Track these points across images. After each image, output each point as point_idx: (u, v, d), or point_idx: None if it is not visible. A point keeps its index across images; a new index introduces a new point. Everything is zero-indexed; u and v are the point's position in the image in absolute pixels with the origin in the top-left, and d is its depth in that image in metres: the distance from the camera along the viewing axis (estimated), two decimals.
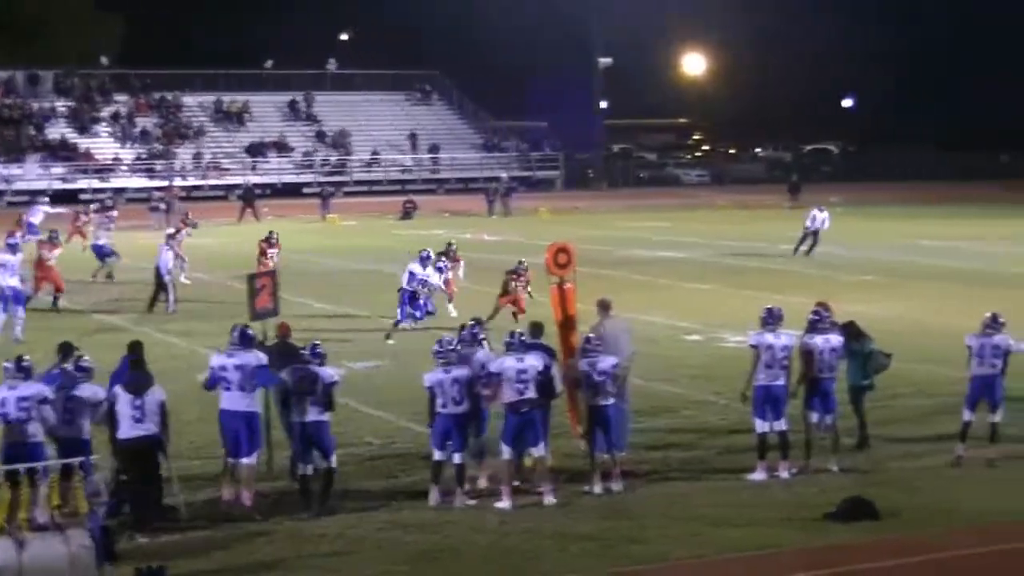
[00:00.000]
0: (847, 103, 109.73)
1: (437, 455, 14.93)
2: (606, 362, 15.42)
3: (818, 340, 16.22)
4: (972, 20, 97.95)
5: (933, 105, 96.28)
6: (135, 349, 15.05)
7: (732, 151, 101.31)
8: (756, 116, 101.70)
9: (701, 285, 33.34)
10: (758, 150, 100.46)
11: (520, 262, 27.26)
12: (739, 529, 13.83)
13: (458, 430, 14.88)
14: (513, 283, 26.85)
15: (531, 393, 14.83)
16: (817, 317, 16.55)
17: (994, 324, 16.52)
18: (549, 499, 14.88)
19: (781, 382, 15.93)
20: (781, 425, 15.99)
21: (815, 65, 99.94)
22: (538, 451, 14.98)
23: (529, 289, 26.82)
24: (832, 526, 13.90)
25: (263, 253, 33.04)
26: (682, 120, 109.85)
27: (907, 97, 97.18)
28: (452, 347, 15.10)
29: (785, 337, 16.02)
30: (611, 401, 15.41)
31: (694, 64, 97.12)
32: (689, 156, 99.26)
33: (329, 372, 14.73)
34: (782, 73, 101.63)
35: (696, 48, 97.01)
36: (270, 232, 34.23)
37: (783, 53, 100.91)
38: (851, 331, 17.67)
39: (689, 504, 14.86)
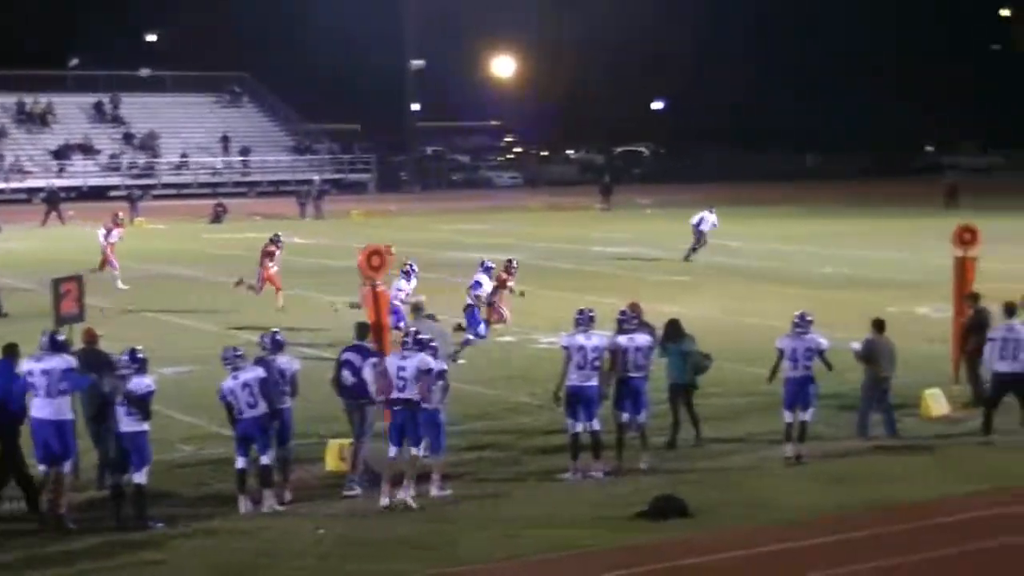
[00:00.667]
0: (657, 105, 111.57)
1: (240, 463, 14.86)
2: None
3: (623, 340, 16.44)
4: (774, 24, 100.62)
5: (740, 108, 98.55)
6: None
7: (545, 153, 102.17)
8: (568, 119, 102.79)
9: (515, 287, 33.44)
10: (570, 152, 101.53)
11: (510, 260, 26.95)
12: (554, 529, 13.95)
13: (259, 433, 14.80)
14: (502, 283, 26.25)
15: (409, 393, 14.85)
16: (623, 317, 16.76)
17: (803, 324, 16.91)
18: (406, 497, 14.81)
19: (593, 383, 16.07)
20: (594, 425, 16.13)
21: (626, 68, 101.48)
22: (416, 450, 14.96)
23: (512, 285, 26.57)
24: (644, 524, 14.05)
25: (270, 256, 30.31)
26: (495, 123, 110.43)
27: (715, 100, 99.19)
28: (237, 353, 15.00)
29: (596, 338, 16.20)
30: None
31: (505, 66, 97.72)
32: (502, 159, 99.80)
33: (145, 381, 14.48)
34: (594, 76, 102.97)
35: (508, 50, 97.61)
36: (276, 234, 31.38)
37: (594, 56, 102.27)
38: (671, 331, 18.01)
39: (505, 505, 14.93)
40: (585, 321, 16.36)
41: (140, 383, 14.38)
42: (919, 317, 27.78)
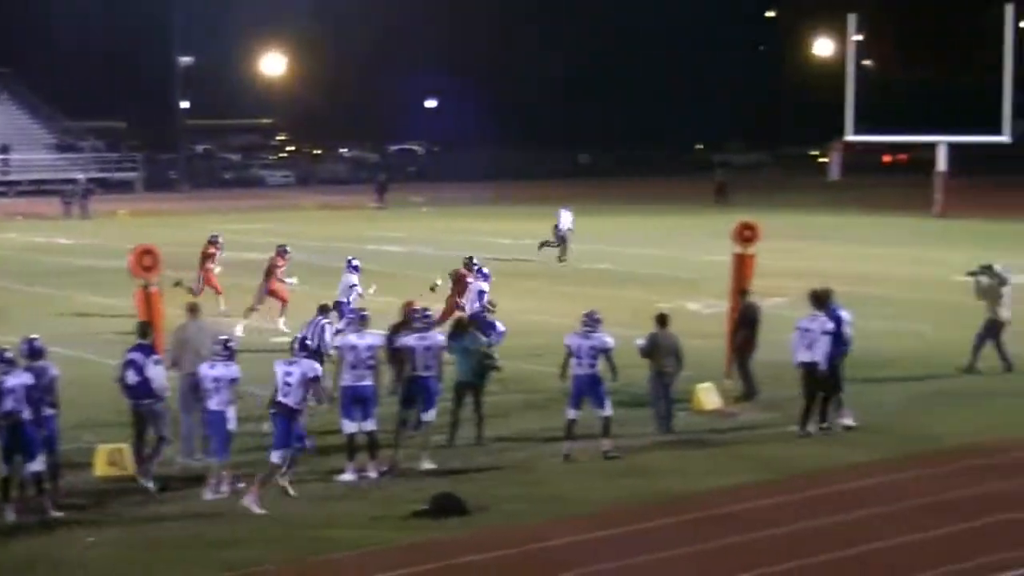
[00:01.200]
0: (431, 103, 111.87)
1: (5, 470, 14.58)
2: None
3: (412, 339, 16.55)
4: (544, 22, 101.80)
5: (513, 106, 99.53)
6: None
7: (317, 152, 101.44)
8: (342, 116, 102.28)
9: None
10: (343, 150, 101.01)
11: (470, 258, 25.83)
12: (333, 530, 13.96)
13: (22, 440, 14.48)
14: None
15: (290, 398, 14.98)
16: (414, 316, 16.97)
17: (590, 323, 17.16)
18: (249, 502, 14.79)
19: (368, 382, 16.09)
20: (369, 425, 16.16)
21: (398, 64, 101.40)
22: (275, 456, 15.03)
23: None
24: (422, 523, 14.16)
25: (210, 258, 29.24)
26: (266, 120, 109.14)
27: (488, 97, 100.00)
28: (3, 359, 14.67)
29: (370, 337, 16.26)
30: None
31: (276, 63, 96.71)
32: (274, 157, 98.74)
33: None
34: (366, 73, 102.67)
35: (279, 47, 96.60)
36: (215, 235, 30.32)
37: (366, 52, 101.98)
38: (454, 328, 18.33)
39: (283, 506, 14.87)
40: (356, 320, 16.48)
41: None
42: (691, 313, 28.45)
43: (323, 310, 19.93)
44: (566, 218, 41.06)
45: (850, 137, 62.48)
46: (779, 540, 13.74)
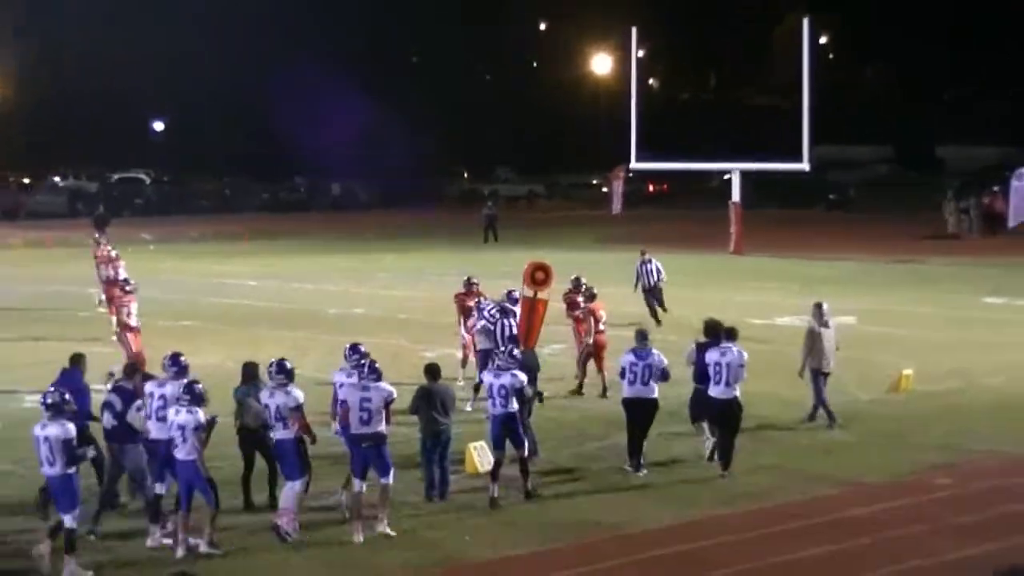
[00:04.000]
0: (158, 126, 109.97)
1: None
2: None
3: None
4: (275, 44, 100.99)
5: (243, 132, 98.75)
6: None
7: (27, 181, 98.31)
8: (55, 141, 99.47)
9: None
10: (58, 179, 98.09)
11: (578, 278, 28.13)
12: None
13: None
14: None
15: (375, 426, 16.98)
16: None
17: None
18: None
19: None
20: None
21: (121, 84, 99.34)
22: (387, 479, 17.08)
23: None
24: None
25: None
26: None
27: (216, 124, 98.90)
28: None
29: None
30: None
31: None
32: None
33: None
34: (80, 93, 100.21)
35: None
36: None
37: (79, 69, 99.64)
38: (244, 374, 18.84)
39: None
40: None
41: None
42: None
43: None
44: None
45: (635, 164, 61.16)
46: None
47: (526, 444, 18.72)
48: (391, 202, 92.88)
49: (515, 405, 18.47)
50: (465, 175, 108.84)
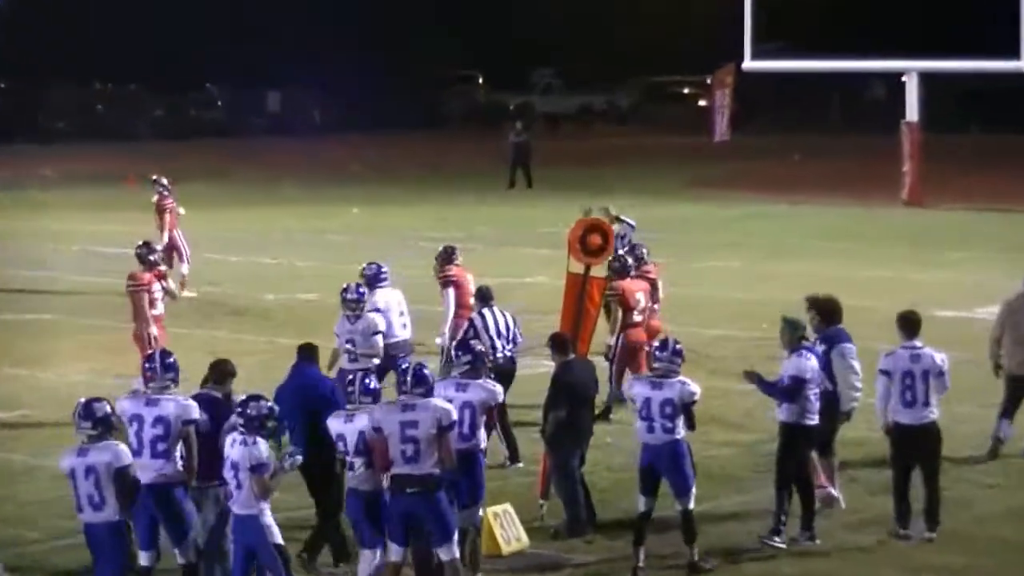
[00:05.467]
0: None
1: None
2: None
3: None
4: None
5: (125, 14, 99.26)
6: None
7: None
8: None
9: None
10: None
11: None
12: None
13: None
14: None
15: (425, 463, 17.65)
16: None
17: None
18: None
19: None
20: None
21: None
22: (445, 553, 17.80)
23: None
24: None
25: None
26: None
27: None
28: None
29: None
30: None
31: None
32: None
33: None
34: None
35: None
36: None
37: None
38: None
39: None
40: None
41: None
42: None
43: None
44: None
45: (751, 64, 61.22)
46: None
47: (690, 491, 19.54)
48: (359, 124, 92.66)
49: (681, 430, 19.40)
50: (480, 81, 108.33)
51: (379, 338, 25.15)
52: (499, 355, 22.32)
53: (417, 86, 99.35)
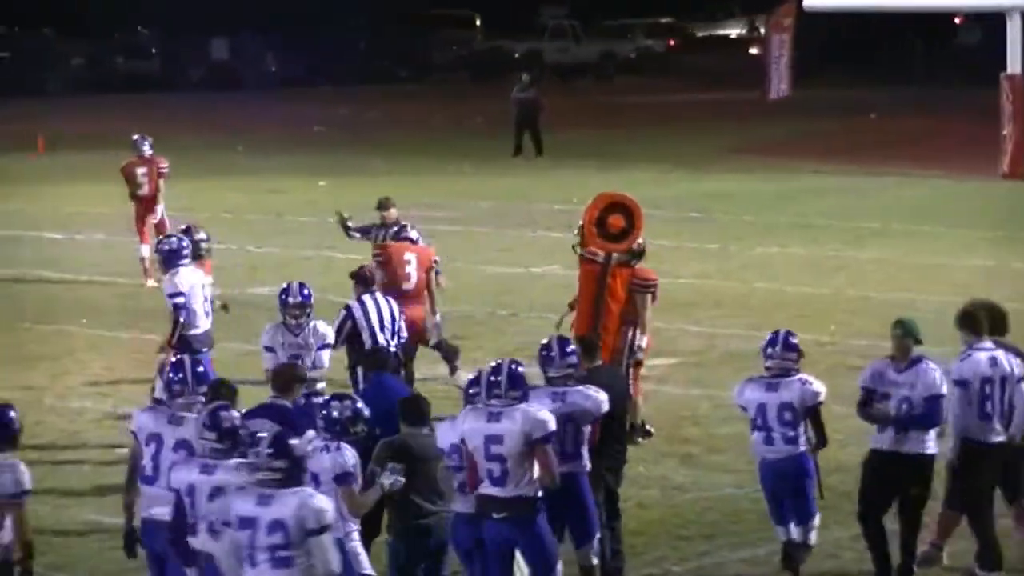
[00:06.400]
0: None
1: None
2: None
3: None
4: None
5: None
6: None
7: None
8: None
9: None
10: None
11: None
12: None
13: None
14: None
15: (514, 483, 17.93)
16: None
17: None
18: None
19: None
20: None
21: None
22: None
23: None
24: None
25: None
26: None
27: None
28: None
29: None
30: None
31: None
32: None
33: None
34: None
35: None
36: None
37: None
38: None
39: None
40: None
41: None
42: None
43: None
44: None
45: (813, 2, 61.67)
46: None
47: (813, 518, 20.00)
48: (324, 74, 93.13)
49: (804, 440, 19.91)
50: (477, 24, 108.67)
51: (327, 353, 25.10)
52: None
53: (399, 29, 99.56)
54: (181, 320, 26.38)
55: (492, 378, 17.93)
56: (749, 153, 62.19)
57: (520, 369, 18.23)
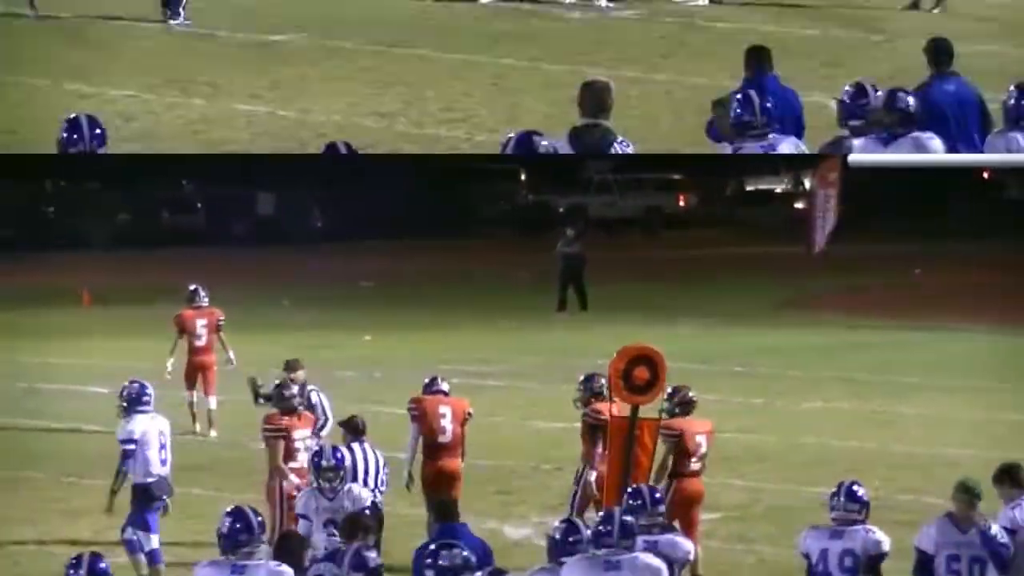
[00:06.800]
0: None
1: None
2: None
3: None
4: None
5: None
6: None
7: None
8: None
9: None
10: None
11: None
12: None
13: None
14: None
15: None
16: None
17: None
18: None
19: None
20: None
21: None
22: None
23: None
24: None
25: None
26: None
27: None
28: None
29: None
30: None
31: None
32: None
33: None
34: None
35: None
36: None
37: None
38: None
39: None
40: None
41: None
42: None
43: None
44: None
45: (858, 159, 60.94)
46: None
47: None
48: (368, 228, 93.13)
49: None
50: (522, 178, 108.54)
51: None
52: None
53: (444, 183, 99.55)
54: (124, 469, 26.80)
55: (606, 527, 18.05)
56: (793, 308, 62.33)
57: (628, 517, 18.44)
